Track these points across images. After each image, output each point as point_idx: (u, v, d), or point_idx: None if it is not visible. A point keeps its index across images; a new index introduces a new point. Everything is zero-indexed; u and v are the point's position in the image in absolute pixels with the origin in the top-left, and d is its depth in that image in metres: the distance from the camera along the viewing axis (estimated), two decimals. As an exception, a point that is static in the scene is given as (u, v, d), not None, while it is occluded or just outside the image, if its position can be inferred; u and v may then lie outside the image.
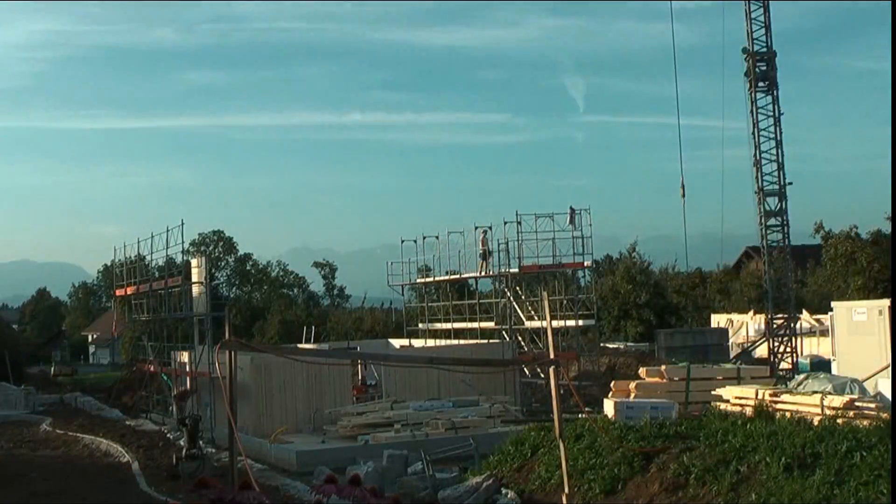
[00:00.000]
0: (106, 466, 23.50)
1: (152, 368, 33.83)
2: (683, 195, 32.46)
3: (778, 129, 30.88)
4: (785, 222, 31.01)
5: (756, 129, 30.69)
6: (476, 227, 34.46)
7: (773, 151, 30.78)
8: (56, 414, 35.79)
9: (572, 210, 32.28)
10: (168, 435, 27.38)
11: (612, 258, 62.87)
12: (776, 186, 30.68)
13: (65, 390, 44.69)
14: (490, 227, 34.01)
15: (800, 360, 30.11)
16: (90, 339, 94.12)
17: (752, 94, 30.86)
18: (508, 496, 16.31)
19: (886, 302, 22.30)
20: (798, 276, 51.18)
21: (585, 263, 33.16)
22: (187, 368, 30.34)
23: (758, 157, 30.65)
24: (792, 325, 30.66)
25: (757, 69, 30.86)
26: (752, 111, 30.86)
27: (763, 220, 30.64)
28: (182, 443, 22.98)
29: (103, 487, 20.56)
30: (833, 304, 26.15)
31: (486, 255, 34.34)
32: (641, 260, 54.82)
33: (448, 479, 17.99)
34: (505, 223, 32.21)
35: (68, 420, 33.31)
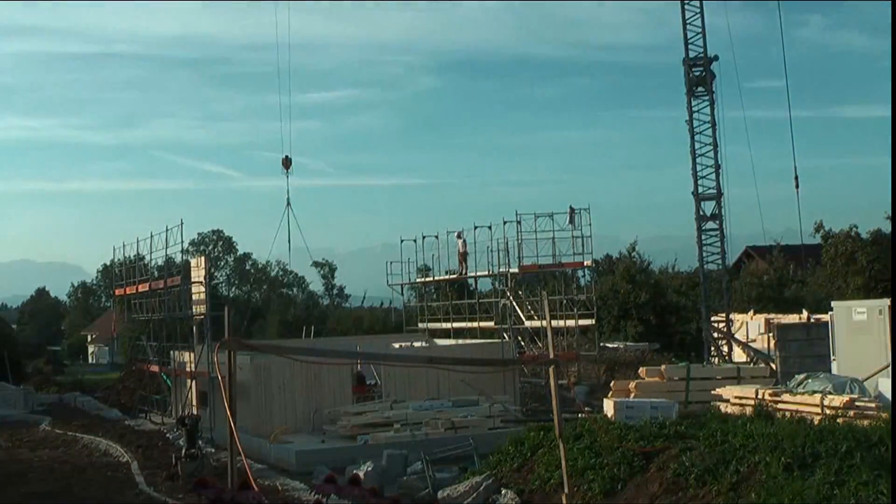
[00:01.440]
0: (105, 466, 23.46)
1: (153, 368, 33.79)
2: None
3: (714, 133, 31.45)
4: (721, 228, 31.67)
5: (692, 135, 31.40)
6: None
7: (711, 154, 31.38)
8: (55, 414, 35.75)
9: (572, 209, 32.28)
10: (167, 435, 27.36)
11: (612, 258, 62.73)
12: (714, 191, 31.31)
13: (63, 390, 44.65)
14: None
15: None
16: (89, 338, 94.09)
17: (689, 100, 31.40)
18: (508, 496, 16.29)
19: (886, 301, 22.22)
20: (798, 276, 51.21)
21: (585, 263, 33.16)
22: (187, 368, 30.31)
23: (694, 163, 31.40)
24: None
25: (692, 74, 31.33)
26: (688, 118, 31.48)
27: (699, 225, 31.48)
28: (181, 443, 22.95)
29: (102, 487, 20.53)
30: (833, 303, 26.10)
31: (464, 258, 34.80)
32: (641, 260, 54.81)
33: (447, 479, 17.98)
34: (504, 222, 32.22)
35: (67, 420, 33.27)
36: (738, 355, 32.32)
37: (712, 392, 19.89)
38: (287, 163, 32.90)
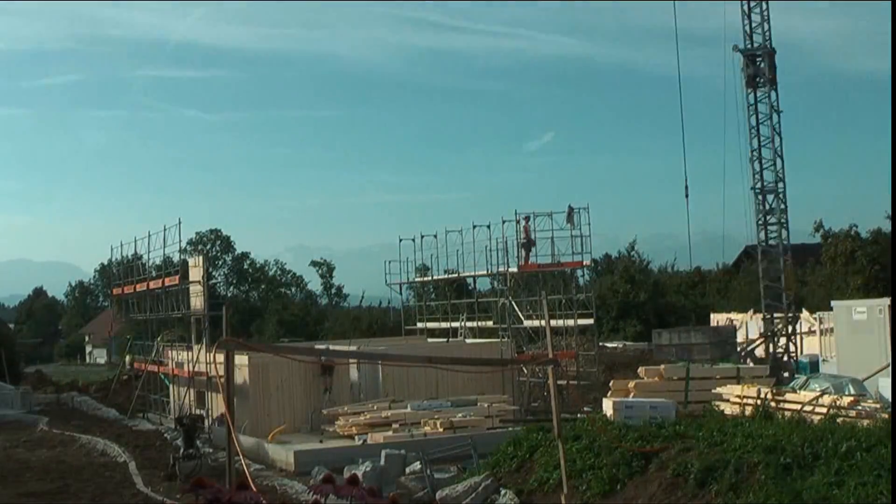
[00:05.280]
0: (102, 466, 23.41)
1: (155, 368, 33.70)
2: (687, 195, 32.37)
3: (774, 126, 30.91)
4: (784, 220, 31.03)
5: (758, 127, 30.77)
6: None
7: (770, 149, 30.89)
8: (53, 414, 35.68)
9: (571, 209, 32.18)
10: (165, 435, 27.31)
11: (612, 257, 62.81)
12: (773, 184, 30.78)
13: (61, 390, 44.56)
14: (532, 215, 32.46)
15: (800, 359, 30.09)
16: (87, 338, 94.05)
17: (752, 93, 30.88)
18: (507, 496, 16.24)
19: (886, 301, 22.24)
20: (799, 276, 51.22)
21: (584, 262, 33.08)
22: (185, 368, 30.27)
23: (756, 156, 30.75)
24: (791, 324, 30.71)
25: (755, 66, 30.87)
26: (747, 109, 30.90)
27: (765, 219, 30.77)
28: (179, 443, 22.91)
29: (100, 487, 20.48)
30: (833, 303, 26.11)
31: (528, 246, 32.77)
32: (640, 259, 54.85)
33: (446, 479, 17.93)
34: (503, 222, 32.13)
35: (65, 420, 33.21)
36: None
37: (713, 391, 19.84)
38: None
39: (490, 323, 35.01)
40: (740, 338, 36.23)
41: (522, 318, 32.69)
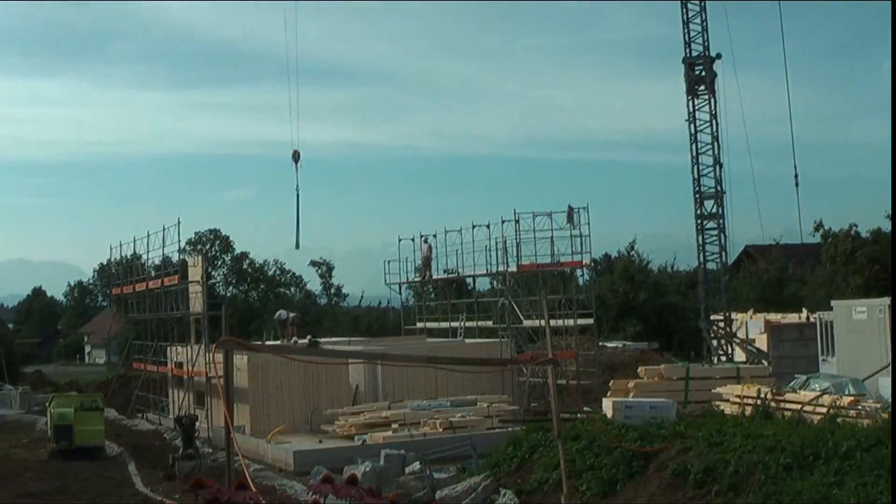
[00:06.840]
0: (102, 466, 23.39)
1: (155, 368, 33.67)
2: (797, 184, 33.24)
3: (715, 130, 31.80)
4: (721, 226, 31.96)
5: (695, 135, 31.73)
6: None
7: (711, 153, 31.85)
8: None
9: (570, 209, 32.16)
10: (164, 435, 27.29)
11: (611, 257, 62.74)
12: (713, 189, 31.79)
13: (61, 390, 44.46)
14: (434, 235, 35.61)
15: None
16: (86, 338, 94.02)
17: (690, 99, 31.76)
18: (507, 496, 16.22)
19: (886, 300, 22.20)
20: (798, 275, 51.25)
21: (584, 262, 33.09)
22: (184, 368, 30.25)
23: (697, 162, 31.76)
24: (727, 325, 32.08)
25: (692, 73, 31.66)
26: (689, 117, 31.86)
27: (702, 224, 31.86)
28: (178, 443, 22.89)
29: (99, 487, 20.46)
30: (833, 303, 26.08)
31: (427, 263, 35.69)
32: (640, 259, 54.82)
33: (446, 479, 17.92)
34: (503, 221, 32.12)
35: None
36: (739, 355, 32.41)
37: (713, 391, 19.82)
38: (296, 156, 32.17)
39: (490, 323, 34.97)
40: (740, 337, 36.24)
41: (522, 318, 32.67)
